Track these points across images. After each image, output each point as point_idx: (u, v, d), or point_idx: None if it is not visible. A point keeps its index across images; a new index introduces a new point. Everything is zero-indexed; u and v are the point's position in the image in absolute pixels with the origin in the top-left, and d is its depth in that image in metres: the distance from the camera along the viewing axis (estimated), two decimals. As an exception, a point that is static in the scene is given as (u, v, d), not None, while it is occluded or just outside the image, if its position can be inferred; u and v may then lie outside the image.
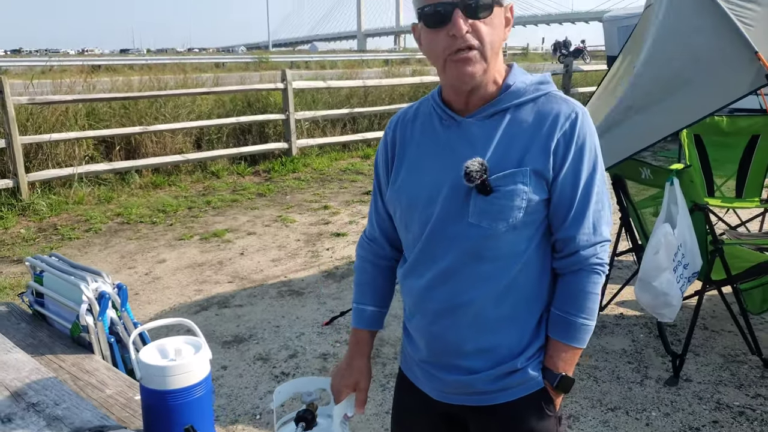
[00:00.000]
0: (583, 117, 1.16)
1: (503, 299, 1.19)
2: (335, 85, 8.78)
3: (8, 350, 1.59)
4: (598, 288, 1.21)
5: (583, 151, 1.15)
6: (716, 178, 4.48)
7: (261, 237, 5.20)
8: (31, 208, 5.74)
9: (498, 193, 1.13)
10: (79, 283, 1.92)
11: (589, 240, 1.18)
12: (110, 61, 25.70)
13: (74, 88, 7.37)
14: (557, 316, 1.21)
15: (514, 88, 1.17)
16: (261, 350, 3.24)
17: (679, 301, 2.57)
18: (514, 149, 1.14)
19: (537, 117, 1.15)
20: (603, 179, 1.20)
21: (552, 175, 1.15)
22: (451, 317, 1.22)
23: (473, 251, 1.17)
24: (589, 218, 1.18)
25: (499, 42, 1.13)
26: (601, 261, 1.20)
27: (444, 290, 1.22)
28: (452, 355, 1.24)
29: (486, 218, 1.15)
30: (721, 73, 2.75)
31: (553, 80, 8.10)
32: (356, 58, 31.62)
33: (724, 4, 2.76)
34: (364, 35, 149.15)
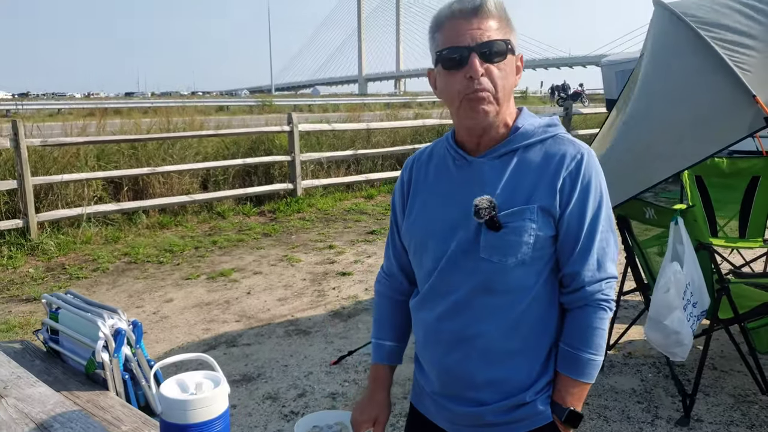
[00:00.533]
0: (588, 157, 1.22)
1: (513, 332, 1.23)
2: (340, 127, 8.94)
3: (32, 384, 1.62)
4: (604, 324, 1.24)
5: (589, 189, 1.21)
6: (719, 218, 4.53)
7: (267, 276, 5.23)
8: (40, 248, 5.79)
9: (507, 229, 1.19)
10: (96, 320, 1.95)
11: (593, 276, 1.22)
12: (117, 104, 26.14)
13: (87, 130, 7.51)
14: (565, 351, 1.25)
15: (523, 130, 1.23)
16: (270, 389, 3.24)
17: (690, 339, 2.57)
18: (522, 188, 1.20)
19: (544, 157, 1.21)
20: (609, 218, 1.25)
21: (559, 213, 1.20)
22: (461, 349, 1.26)
23: (484, 285, 1.22)
24: (594, 255, 1.22)
25: (511, 87, 1.21)
26: (606, 297, 1.24)
27: (455, 323, 1.26)
28: (463, 387, 1.28)
29: (496, 253, 1.20)
30: (720, 116, 2.82)
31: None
32: (358, 101, 32.14)
33: (720, 50, 2.85)
34: (365, 79, 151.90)
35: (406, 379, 3.31)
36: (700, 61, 2.94)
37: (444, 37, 1.18)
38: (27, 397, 1.52)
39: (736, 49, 2.86)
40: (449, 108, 1.24)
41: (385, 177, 9.31)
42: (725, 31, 2.93)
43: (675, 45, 3.16)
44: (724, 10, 3.04)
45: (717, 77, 2.84)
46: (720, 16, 3.01)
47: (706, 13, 3.06)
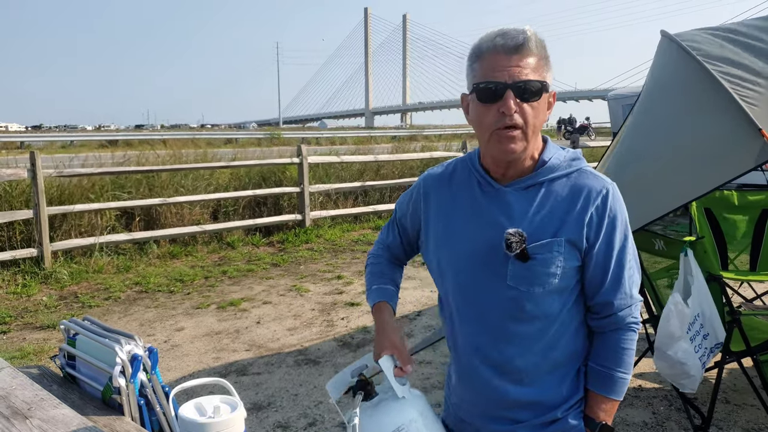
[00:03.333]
0: (614, 191, 1.27)
1: (543, 356, 1.30)
2: (348, 159, 9.06)
3: (56, 406, 1.66)
4: (633, 344, 1.32)
5: (615, 223, 1.26)
6: (729, 251, 4.48)
7: (276, 306, 5.26)
8: (53, 277, 5.86)
9: (535, 260, 1.23)
10: (114, 346, 1.99)
11: (625, 302, 1.30)
12: (126, 136, 26.52)
13: (100, 161, 7.65)
14: (596, 371, 1.32)
15: (550, 164, 1.28)
16: (280, 418, 3.25)
17: (699, 371, 2.57)
18: (550, 220, 1.24)
19: (571, 191, 1.26)
20: (634, 247, 1.32)
21: (586, 246, 1.26)
22: (495, 372, 1.32)
23: (512, 312, 1.28)
24: (625, 284, 1.29)
25: (541, 123, 1.25)
26: (635, 319, 1.32)
27: (487, 346, 1.32)
28: (496, 407, 1.34)
29: (524, 282, 1.25)
30: (726, 149, 2.84)
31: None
32: (365, 134, 32.49)
33: (727, 84, 2.88)
34: (372, 113, 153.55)
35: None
36: (708, 95, 2.95)
37: (483, 69, 1.21)
38: (51, 419, 1.56)
39: (742, 83, 2.87)
40: (478, 137, 1.28)
41: (392, 208, 9.36)
42: (731, 66, 2.96)
43: (681, 78, 3.18)
44: (729, 45, 3.08)
45: (724, 110, 2.85)
46: (726, 51, 3.04)
47: (712, 47, 3.10)
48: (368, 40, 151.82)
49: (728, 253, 4.50)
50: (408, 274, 6.27)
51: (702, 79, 2.99)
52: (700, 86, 3.02)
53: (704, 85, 2.98)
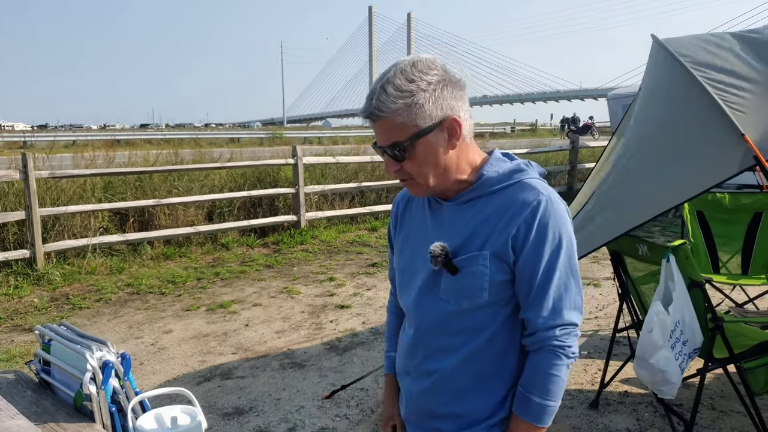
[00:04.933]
0: (547, 203, 1.23)
1: (468, 370, 1.30)
2: (344, 160, 9.05)
3: (12, 417, 1.66)
4: (558, 370, 1.25)
5: (544, 235, 1.22)
6: (721, 254, 4.47)
7: (266, 308, 5.26)
8: (46, 278, 5.88)
9: (462, 273, 1.25)
10: (84, 352, 1.99)
11: (547, 322, 1.24)
12: (130, 136, 26.59)
13: (95, 162, 7.67)
14: (519, 392, 1.29)
15: (486, 178, 1.28)
16: (261, 423, 3.25)
17: (678, 378, 2.57)
18: (479, 234, 1.25)
19: (503, 204, 1.25)
20: (570, 264, 1.25)
21: (513, 258, 1.23)
22: (423, 382, 1.36)
23: (442, 324, 1.30)
24: (549, 300, 1.24)
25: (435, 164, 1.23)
26: (562, 344, 1.25)
27: (418, 356, 1.37)
28: (424, 416, 1.38)
29: (453, 295, 1.27)
30: (711, 155, 2.85)
31: (561, 156, 8.28)
32: (368, 134, 32.46)
33: (712, 90, 2.89)
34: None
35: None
36: (693, 101, 2.97)
37: None
38: (5, 430, 1.56)
39: (728, 90, 2.90)
40: None
41: (388, 209, 9.36)
42: (718, 72, 2.98)
43: (669, 84, 3.20)
44: (718, 51, 3.09)
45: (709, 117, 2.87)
46: (714, 57, 3.05)
47: (700, 53, 3.11)
48: (372, 39, 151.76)
49: (720, 257, 4.48)
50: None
51: (689, 85, 3.01)
52: (686, 92, 3.04)
53: (690, 92, 2.99)
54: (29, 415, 1.87)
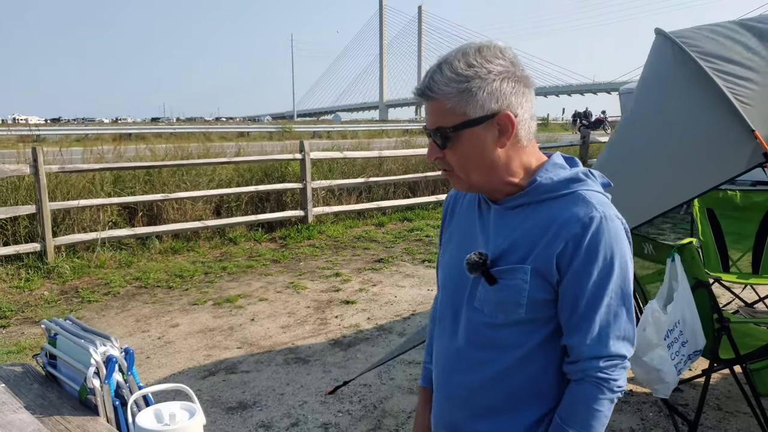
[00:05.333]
0: (601, 222, 1.10)
1: (496, 388, 1.20)
2: (351, 155, 9.07)
3: (15, 410, 1.70)
4: (600, 404, 1.14)
5: (594, 255, 1.10)
6: (732, 253, 4.41)
7: (272, 303, 5.31)
8: (56, 271, 5.96)
9: (500, 285, 1.15)
10: (88, 347, 2.02)
11: (591, 351, 1.13)
12: (140, 129, 26.75)
13: (104, 156, 7.74)
14: (556, 423, 1.18)
15: (538, 184, 1.16)
16: (264, 417, 3.29)
17: (673, 378, 2.56)
18: (522, 245, 1.14)
19: (552, 215, 1.13)
20: (622, 291, 1.13)
21: (557, 278, 1.13)
22: (451, 397, 1.27)
23: (474, 336, 1.21)
24: (594, 327, 1.13)
25: (480, 160, 1.14)
26: (607, 377, 1.13)
27: (447, 368, 1.28)
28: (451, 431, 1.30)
29: (488, 306, 1.18)
30: (719, 150, 2.76)
31: (571, 151, 8.16)
32: (377, 128, 32.46)
33: (721, 83, 2.81)
34: (386, 105, 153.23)
35: (400, 411, 3.34)
36: (701, 94, 2.89)
37: None
38: (7, 423, 1.60)
39: (737, 81, 2.82)
40: None
41: (396, 205, 9.39)
42: (727, 63, 2.90)
43: (676, 76, 3.11)
44: (725, 41, 3.00)
45: (717, 111, 2.78)
46: (721, 48, 2.97)
47: (708, 44, 3.04)
48: (383, 32, 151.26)
49: (730, 255, 4.42)
50: (407, 272, 6.28)
51: (697, 77, 2.92)
52: (694, 85, 2.94)
53: (698, 84, 2.90)
54: (35, 408, 1.91)
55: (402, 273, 6.28)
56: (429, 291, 5.61)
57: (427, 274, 6.23)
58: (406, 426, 3.18)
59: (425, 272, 6.28)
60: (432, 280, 5.97)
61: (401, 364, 3.96)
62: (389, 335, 4.51)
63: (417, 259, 6.87)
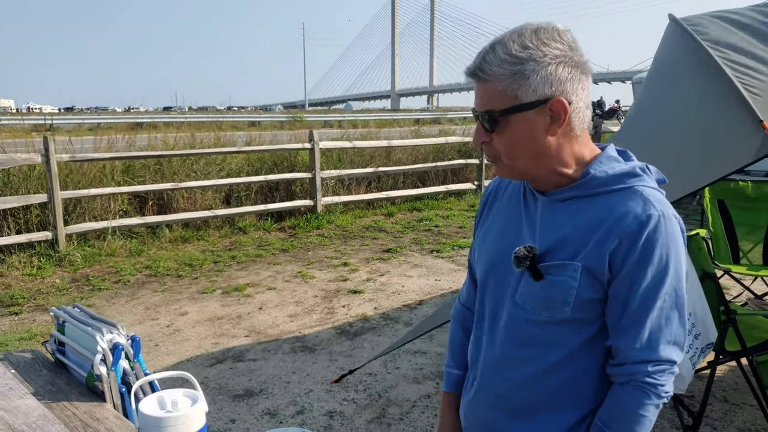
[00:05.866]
0: (659, 221, 1.05)
1: (537, 387, 1.16)
2: (360, 145, 9.07)
3: (21, 396, 1.73)
4: (645, 409, 1.09)
5: (650, 255, 1.05)
6: (742, 244, 4.37)
7: (280, 292, 5.34)
8: (67, 259, 6.04)
9: (546, 281, 1.10)
10: (95, 334, 2.05)
11: (639, 355, 1.08)
12: (152, 118, 26.89)
13: (115, 145, 7.80)
14: (596, 425, 1.13)
15: (592, 177, 1.11)
16: (270, 405, 3.32)
17: (689, 372, 2.52)
18: (572, 240, 1.09)
19: (606, 211, 1.08)
20: (676, 294, 1.09)
21: (609, 277, 1.08)
22: (486, 393, 1.23)
23: (514, 333, 1.16)
24: (645, 330, 1.08)
25: (527, 148, 1.09)
26: (654, 382, 1.08)
27: (485, 364, 1.23)
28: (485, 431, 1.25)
29: (531, 302, 1.13)
30: (727, 141, 2.73)
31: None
32: (388, 117, 32.39)
33: (730, 72, 2.76)
34: (398, 94, 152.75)
35: (404, 400, 3.36)
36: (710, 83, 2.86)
37: None
38: (13, 408, 1.63)
39: (746, 71, 2.78)
40: None
41: (405, 195, 9.39)
42: (736, 52, 2.86)
43: (686, 64, 3.08)
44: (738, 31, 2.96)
45: (726, 101, 2.75)
46: (733, 37, 2.93)
47: (718, 32, 3.00)
48: (395, 20, 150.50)
49: (741, 246, 4.38)
50: (415, 263, 6.29)
51: (706, 66, 2.88)
52: (704, 74, 2.90)
53: (708, 73, 2.86)
54: (44, 394, 1.95)
55: (410, 263, 6.29)
56: (437, 281, 5.62)
57: (435, 264, 6.24)
58: (411, 415, 3.20)
59: (433, 262, 6.29)
60: (440, 271, 5.97)
61: (407, 353, 3.98)
62: (396, 325, 4.53)
63: (425, 249, 6.87)
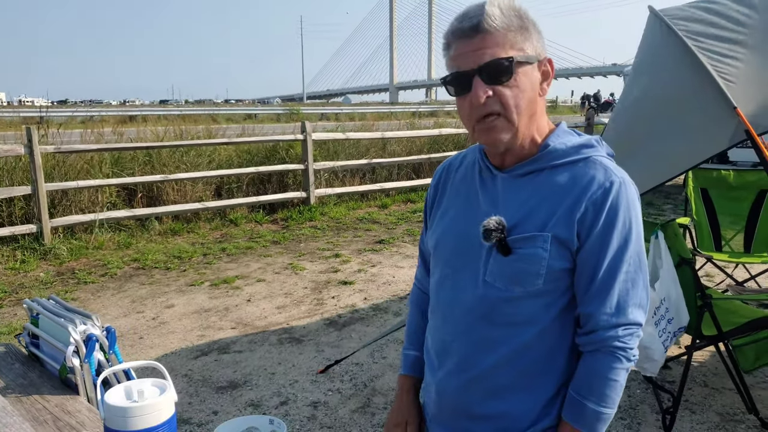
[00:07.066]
0: (620, 187, 1.09)
1: (512, 367, 1.15)
2: (354, 136, 9.00)
3: (-17, 390, 1.68)
4: (617, 374, 1.12)
5: (614, 222, 1.08)
6: (724, 232, 4.43)
7: (270, 284, 5.29)
8: (53, 253, 5.96)
9: (516, 255, 1.10)
10: (68, 326, 2.00)
11: (609, 320, 1.11)
12: (146, 111, 26.76)
13: (104, 137, 7.72)
14: (570, 396, 1.15)
15: (552, 149, 1.13)
16: (253, 396, 3.27)
17: (661, 355, 2.53)
18: (539, 212, 1.10)
19: (570, 181, 1.10)
20: (639, 258, 1.12)
21: (577, 245, 1.09)
22: (460, 376, 1.20)
23: (485, 312, 1.15)
24: (614, 296, 1.10)
25: (530, 102, 1.10)
26: (624, 345, 1.11)
27: (454, 348, 1.20)
28: (458, 416, 1.22)
29: (501, 279, 1.12)
30: (703, 128, 2.79)
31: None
32: (385, 110, 32.27)
33: (706, 61, 2.81)
34: (396, 88, 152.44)
35: (390, 389, 3.32)
36: (687, 73, 2.92)
37: (450, 59, 1.11)
38: (-28, 401, 1.57)
39: (721, 59, 2.83)
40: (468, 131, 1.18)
41: (400, 186, 9.33)
42: (714, 41, 2.91)
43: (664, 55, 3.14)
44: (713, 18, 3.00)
45: (702, 89, 2.82)
46: (709, 27, 2.98)
47: (696, 21, 3.04)
48: (393, 13, 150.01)
49: (723, 234, 4.43)
50: (407, 253, 6.25)
51: (683, 56, 2.94)
52: (683, 64, 2.97)
53: (686, 63, 2.91)
54: (15, 387, 1.89)
55: (402, 254, 6.24)
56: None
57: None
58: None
59: (425, 253, 6.24)
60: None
61: (394, 343, 3.93)
62: (384, 315, 4.48)
63: (418, 240, 6.82)
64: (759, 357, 2.87)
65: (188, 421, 3.03)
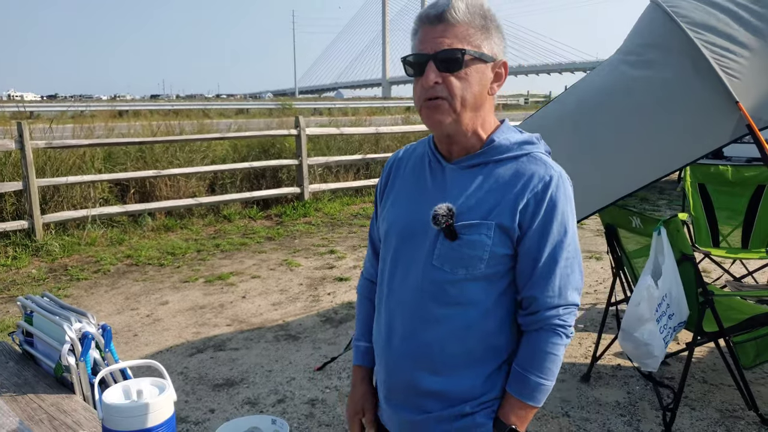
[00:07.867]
0: (558, 180, 1.19)
1: (459, 345, 1.23)
2: (348, 131, 8.95)
3: (-24, 389, 1.64)
4: (557, 349, 1.23)
5: (554, 213, 1.18)
6: (722, 228, 4.44)
7: (265, 280, 5.25)
8: (45, 249, 5.89)
9: (462, 240, 1.18)
10: (63, 323, 1.96)
11: (551, 302, 1.21)
12: (137, 106, 26.55)
13: (94, 132, 7.64)
14: (515, 371, 1.24)
15: (497, 144, 1.22)
16: (250, 394, 3.24)
17: (662, 351, 2.53)
18: (484, 202, 1.19)
19: (513, 175, 1.20)
20: (575, 245, 1.23)
21: (518, 234, 1.19)
22: (408, 355, 1.27)
23: (432, 293, 1.22)
24: (555, 281, 1.21)
25: (476, 96, 1.18)
26: (563, 323, 1.22)
27: (402, 327, 1.27)
28: (408, 393, 1.29)
29: (448, 263, 1.20)
30: (703, 122, 2.77)
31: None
32: (378, 105, 32.19)
33: (708, 54, 2.79)
34: (389, 82, 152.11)
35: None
36: (688, 64, 2.88)
37: (414, 43, 1.20)
38: (-38, 402, 1.54)
39: (724, 53, 2.80)
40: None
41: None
42: (715, 34, 2.88)
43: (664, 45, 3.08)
44: (717, 12, 2.97)
45: (703, 82, 2.79)
46: (712, 19, 2.94)
47: (698, 14, 3.00)
48: (386, 8, 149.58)
49: (720, 229, 4.43)
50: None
51: (685, 47, 2.90)
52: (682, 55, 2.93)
53: (686, 54, 2.89)
54: (10, 387, 1.86)
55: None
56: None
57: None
58: (395, 403, 3.14)
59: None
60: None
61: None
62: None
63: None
64: (760, 353, 2.87)
65: (185, 419, 3.00)
